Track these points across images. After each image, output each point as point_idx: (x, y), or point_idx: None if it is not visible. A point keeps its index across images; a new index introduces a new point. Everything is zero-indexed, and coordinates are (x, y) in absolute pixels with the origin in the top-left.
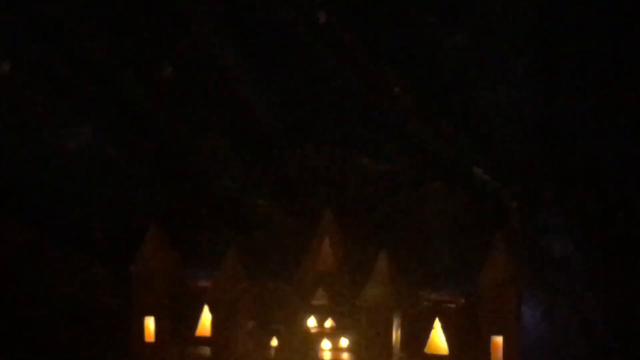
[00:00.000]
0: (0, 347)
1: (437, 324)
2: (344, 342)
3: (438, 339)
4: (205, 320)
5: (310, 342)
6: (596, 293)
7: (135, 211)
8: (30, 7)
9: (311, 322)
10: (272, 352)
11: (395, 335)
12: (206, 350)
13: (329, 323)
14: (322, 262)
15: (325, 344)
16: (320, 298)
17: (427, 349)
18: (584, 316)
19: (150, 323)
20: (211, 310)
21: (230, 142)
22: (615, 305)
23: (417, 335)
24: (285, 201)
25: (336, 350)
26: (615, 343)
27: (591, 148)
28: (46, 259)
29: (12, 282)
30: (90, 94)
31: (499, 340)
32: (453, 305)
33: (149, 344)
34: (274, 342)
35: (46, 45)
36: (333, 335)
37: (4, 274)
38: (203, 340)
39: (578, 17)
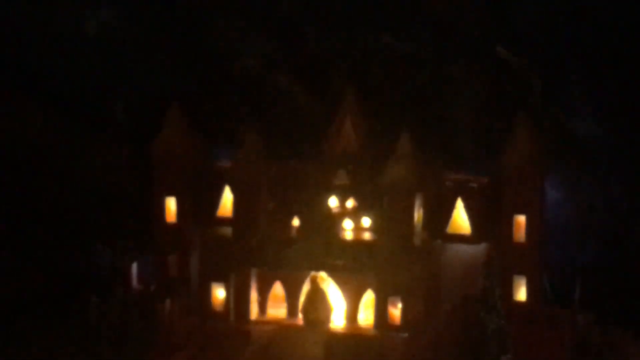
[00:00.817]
0: (25, 228)
1: (459, 203)
2: (365, 221)
3: (460, 218)
4: (227, 200)
5: (331, 222)
6: (620, 172)
7: (156, 92)
8: None
9: (333, 202)
10: (294, 232)
11: (417, 215)
12: (227, 231)
13: (350, 203)
14: (344, 142)
15: (347, 224)
16: (341, 178)
17: (449, 229)
18: (608, 195)
19: (171, 203)
20: (232, 190)
21: (250, 21)
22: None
23: (439, 215)
24: (307, 81)
25: (358, 229)
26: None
27: (618, 30)
28: (68, 140)
29: (35, 164)
30: None
31: (521, 219)
32: (475, 185)
33: (170, 224)
34: (295, 222)
35: None
36: (355, 215)
37: (28, 156)
38: (224, 221)
39: None
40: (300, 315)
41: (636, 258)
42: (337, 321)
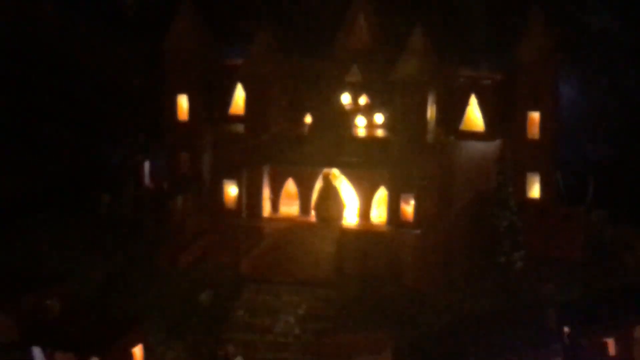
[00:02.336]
0: (38, 125)
1: (472, 100)
2: (378, 118)
3: (474, 115)
4: (239, 98)
5: (344, 119)
6: (635, 68)
7: None
8: None
9: (345, 98)
10: (306, 129)
11: (431, 111)
12: (239, 128)
13: (363, 100)
14: (357, 38)
15: (360, 121)
16: (354, 74)
17: (463, 126)
18: (623, 91)
19: (183, 101)
20: (244, 88)
21: None
22: None
23: (453, 111)
24: None
25: (371, 126)
26: None
27: None
28: (81, 36)
29: (47, 60)
30: None
31: (535, 115)
32: (489, 81)
33: (182, 122)
34: (308, 119)
35: None
36: (367, 111)
37: (40, 52)
38: (236, 118)
39: None
40: (312, 212)
41: None
42: (350, 218)
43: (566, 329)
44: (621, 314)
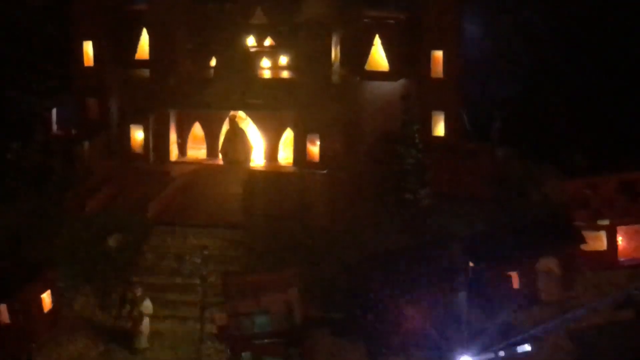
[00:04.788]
0: None
1: (377, 40)
2: (283, 59)
3: (378, 55)
4: (144, 43)
5: (249, 61)
6: (539, 5)
7: None
8: None
9: (250, 41)
10: (212, 72)
11: (335, 52)
12: (146, 73)
13: (268, 42)
14: None
15: (265, 62)
16: (259, 17)
17: (367, 66)
18: (528, 29)
19: (89, 47)
20: (149, 32)
21: None
22: (560, 17)
23: (357, 52)
24: None
25: (276, 68)
26: (558, 54)
27: None
28: None
29: None
30: None
31: (439, 54)
32: (393, 21)
33: (89, 68)
34: (214, 62)
35: None
36: (272, 53)
37: None
38: (142, 63)
39: None
40: (220, 155)
41: (555, 92)
42: (257, 160)
43: (470, 264)
44: (525, 248)
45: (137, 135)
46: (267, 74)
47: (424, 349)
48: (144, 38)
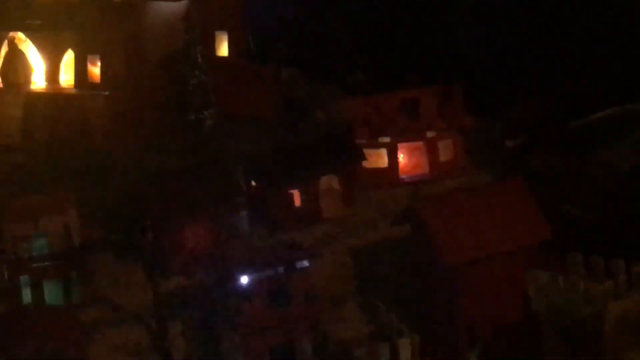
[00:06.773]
0: None
1: None
2: None
3: None
4: None
5: None
6: None
7: None
8: None
9: None
10: None
11: None
12: None
13: None
14: None
15: None
16: None
17: None
18: None
19: None
20: None
21: None
22: None
23: None
24: None
25: None
26: None
27: None
28: None
29: None
30: None
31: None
32: None
33: None
34: None
35: None
36: None
37: None
38: None
39: None
40: None
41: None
42: (38, 82)
43: (252, 183)
44: (307, 167)
45: None
46: None
47: (205, 269)
48: None
